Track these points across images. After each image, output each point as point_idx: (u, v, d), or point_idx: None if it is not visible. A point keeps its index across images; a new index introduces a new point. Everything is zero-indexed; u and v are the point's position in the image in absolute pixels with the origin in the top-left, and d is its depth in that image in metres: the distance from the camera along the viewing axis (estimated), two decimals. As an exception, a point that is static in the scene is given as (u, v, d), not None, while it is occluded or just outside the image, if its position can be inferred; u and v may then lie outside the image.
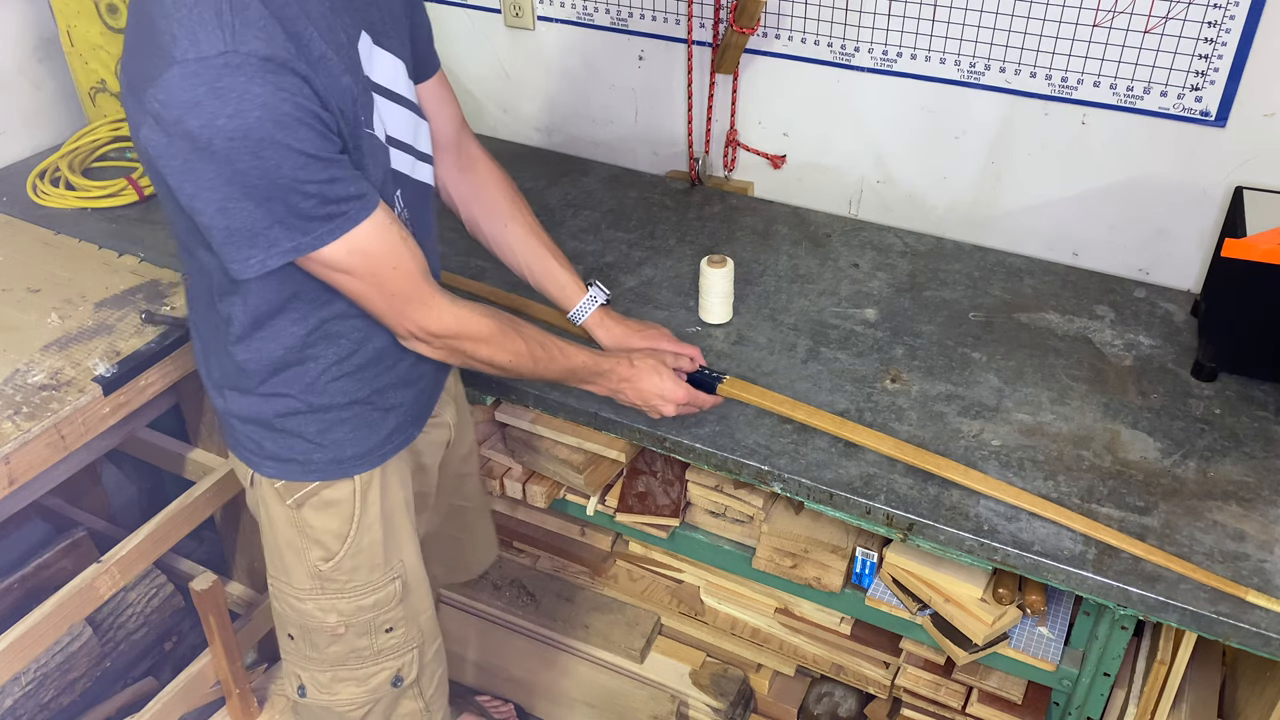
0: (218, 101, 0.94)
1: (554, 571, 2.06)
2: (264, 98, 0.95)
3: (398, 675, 1.41)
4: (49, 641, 1.54)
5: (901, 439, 1.45)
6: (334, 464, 1.28)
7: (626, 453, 1.67)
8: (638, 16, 2.03)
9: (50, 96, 2.21)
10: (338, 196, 1.04)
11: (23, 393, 1.48)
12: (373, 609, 1.35)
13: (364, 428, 1.28)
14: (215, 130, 0.94)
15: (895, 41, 1.81)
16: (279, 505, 1.30)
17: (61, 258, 1.80)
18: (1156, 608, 1.24)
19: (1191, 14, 1.57)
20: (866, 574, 1.59)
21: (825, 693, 1.92)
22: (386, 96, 1.17)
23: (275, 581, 1.37)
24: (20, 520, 1.92)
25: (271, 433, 1.26)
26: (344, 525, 1.30)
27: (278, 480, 1.28)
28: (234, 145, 0.95)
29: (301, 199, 1.01)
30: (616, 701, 1.94)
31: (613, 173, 2.18)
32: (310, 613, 1.34)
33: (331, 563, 1.31)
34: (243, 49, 0.94)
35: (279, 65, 0.96)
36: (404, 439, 1.35)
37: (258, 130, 0.95)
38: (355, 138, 1.08)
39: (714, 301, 1.68)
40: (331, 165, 1.02)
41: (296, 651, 1.39)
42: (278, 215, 1.01)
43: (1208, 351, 1.56)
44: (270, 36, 0.96)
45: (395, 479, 1.35)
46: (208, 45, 0.94)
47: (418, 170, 1.26)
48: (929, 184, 1.92)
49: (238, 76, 0.94)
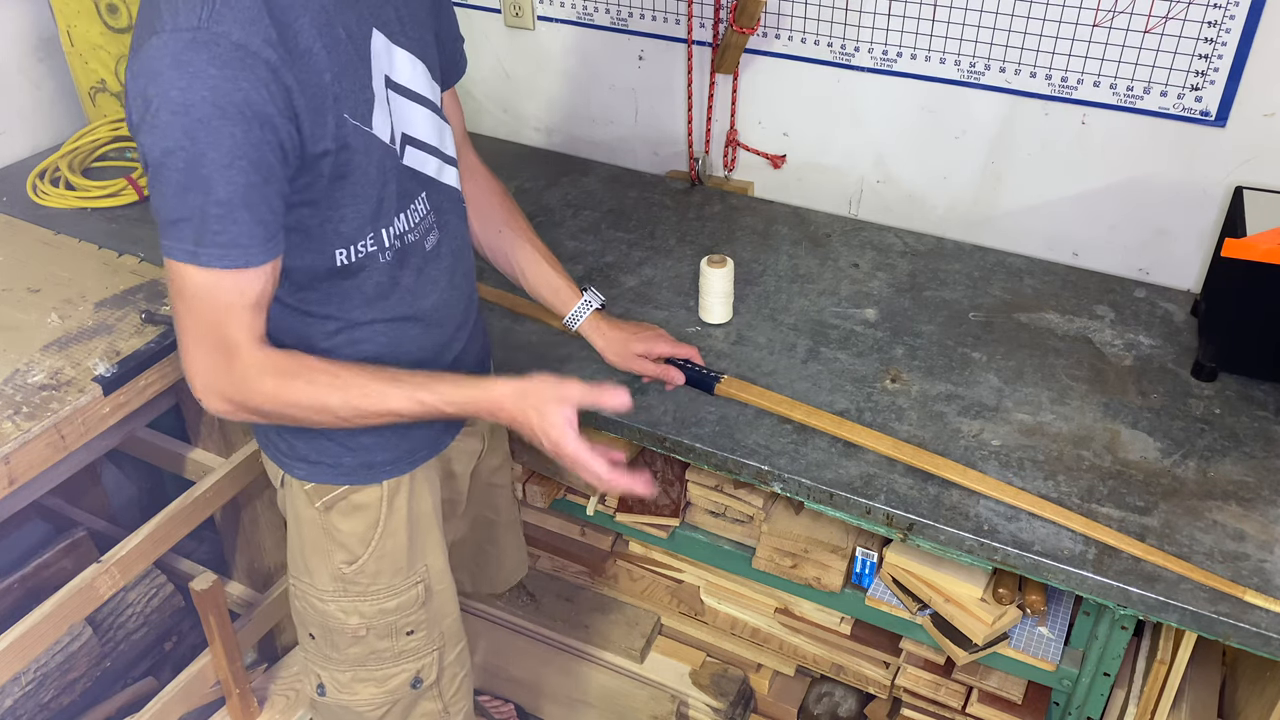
0: (174, 72, 0.94)
1: (554, 571, 2.06)
2: (216, 81, 0.94)
3: (417, 677, 1.40)
4: (49, 641, 1.54)
5: (901, 439, 1.45)
6: (364, 468, 1.27)
7: (626, 452, 1.67)
8: (638, 16, 2.03)
9: (50, 96, 2.21)
10: (247, 224, 1.01)
11: (23, 393, 1.48)
12: (394, 612, 1.35)
13: (395, 433, 1.27)
14: (164, 101, 0.94)
15: (895, 41, 1.81)
16: (307, 507, 1.29)
17: (61, 258, 1.80)
18: (1156, 608, 1.24)
19: (1191, 14, 1.57)
20: (866, 574, 1.59)
21: (825, 693, 1.92)
22: (406, 96, 1.16)
23: (297, 582, 1.36)
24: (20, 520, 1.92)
25: (302, 434, 1.25)
26: (369, 529, 1.30)
27: (307, 482, 1.27)
28: (174, 120, 0.95)
29: (213, 204, 0.99)
30: (616, 701, 1.94)
31: (613, 173, 2.18)
32: (332, 614, 1.34)
33: (355, 565, 1.31)
34: (215, 28, 0.94)
35: (248, 54, 0.95)
36: (436, 446, 1.34)
37: (198, 109, 0.94)
38: (338, 136, 1.06)
39: (714, 301, 1.68)
40: (251, 187, 0.99)
41: (317, 651, 1.39)
42: (187, 210, 0.99)
43: (1208, 351, 1.56)
44: (250, 22, 0.96)
45: (424, 485, 1.34)
46: (184, 19, 0.94)
47: (444, 174, 1.25)
48: (929, 184, 1.92)
49: (200, 54, 0.94)
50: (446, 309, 1.28)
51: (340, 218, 1.11)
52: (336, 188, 1.09)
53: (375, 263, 1.16)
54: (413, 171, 1.19)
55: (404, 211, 1.18)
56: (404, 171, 1.17)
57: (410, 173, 1.19)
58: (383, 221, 1.15)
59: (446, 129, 1.26)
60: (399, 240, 1.18)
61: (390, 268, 1.18)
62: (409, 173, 1.18)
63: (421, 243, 1.22)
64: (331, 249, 1.13)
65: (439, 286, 1.26)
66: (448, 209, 1.27)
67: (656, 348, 1.53)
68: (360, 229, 1.13)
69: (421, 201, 1.21)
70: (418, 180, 1.20)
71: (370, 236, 1.14)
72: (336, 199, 1.10)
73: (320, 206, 1.09)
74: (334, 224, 1.11)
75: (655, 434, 1.49)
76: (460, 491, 1.48)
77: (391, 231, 1.17)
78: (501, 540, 1.69)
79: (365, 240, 1.14)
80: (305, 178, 1.06)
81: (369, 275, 1.17)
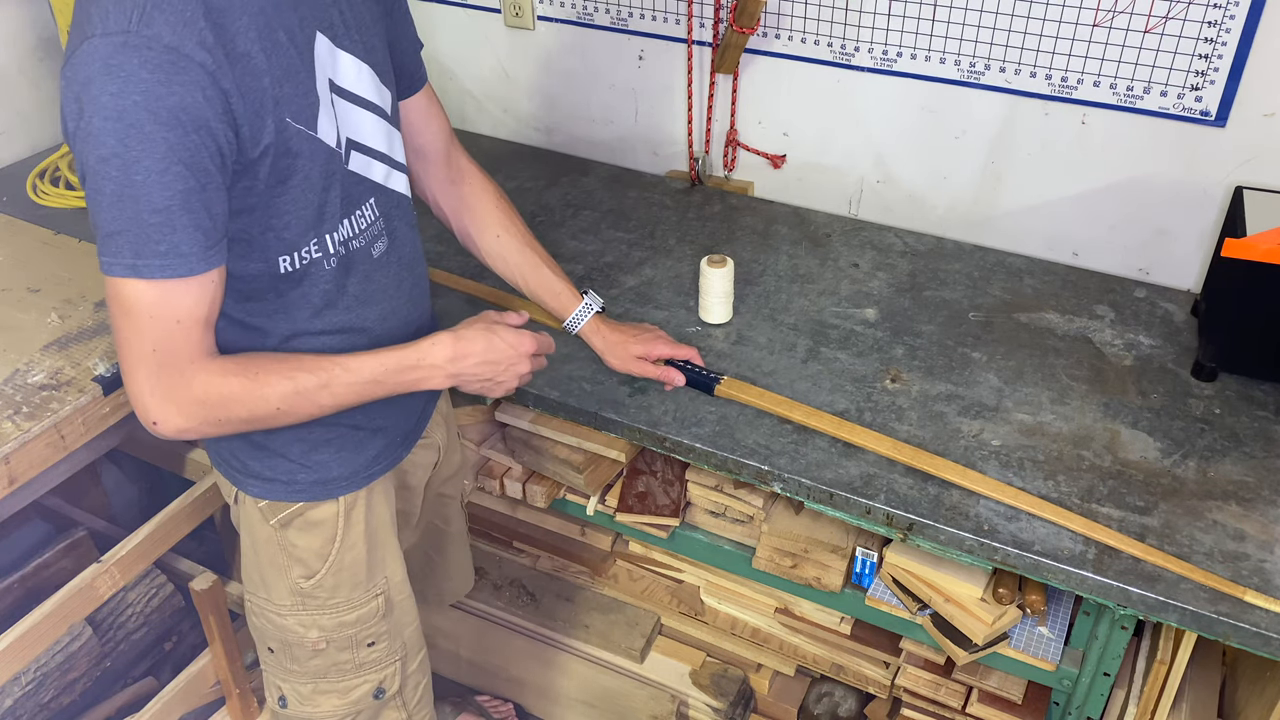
0: (106, 78, 0.92)
1: (554, 571, 2.06)
2: (149, 85, 0.92)
3: (380, 688, 1.40)
4: (49, 641, 1.54)
5: (901, 439, 1.45)
6: (319, 485, 1.26)
7: (626, 452, 1.67)
8: (638, 16, 2.03)
9: (50, 96, 2.21)
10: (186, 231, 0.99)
11: (23, 392, 1.48)
12: (355, 624, 1.34)
13: (350, 449, 1.26)
14: (97, 107, 0.92)
15: (895, 41, 1.81)
16: (262, 524, 1.28)
17: (61, 257, 1.80)
18: (1156, 608, 1.24)
19: (1191, 14, 1.56)
20: (866, 574, 1.59)
21: (825, 693, 1.92)
22: (351, 100, 1.14)
23: (254, 598, 1.35)
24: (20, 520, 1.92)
25: (256, 451, 1.24)
26: (326, 545, 1.29)
27: (261, 500, 1.26)
28: (106, 127, 0.93)
29: (150, 213, 0.96)
30: (616, 701, 1.94)
31: (613, 173, 2.18)
32: (291, 628, 1.33)
33: (313, 580, 1.30)
34: (146, 32, 0.92)
35: (181, 57, 0.94)
36: (391, 460, 1.33)
37: (131, 114, 0.92)
38: (279, 140, 1.04)
39: (714, 301, 1.68)
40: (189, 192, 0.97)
41: (277, 664, 1.38)
42: (124, 222, 0.97)
43: (1208, 351, 1.56)
44: (183, 25, 0.94)
45: (381, 497, 1.34)
46: (114, 23, 0.92)
47: (392, 179, 1.24)
48: (929, 184, 1.92)
49: (131, 57, 0.92)
50: (395, 318, 1.26)
51: (283, 224, 1.09)
52: (277, 192, 1.07)
53: (320, 269, 1.15)
54: (359, 177, 1.17)
55: (349, 217, 1.17)
56: (349, 176, 1.16)
57: (356, 178, 1.17)
58: (326, 227, 1.13)
59: (396, 135, 1.24)
60: (343, 247, 1.16)
61: (336, 275, 1.17)
62: (354, 178, 1.16)
63: (369, 249, 1.20)
64: (275, 255, 1.11)
65: (387, 294, 1.24)
66: (396, 216, 1.25)
67: (655, 349, 1.53)
68: (303, 234, 1.11)
69: (369, 208, 1.19)
70: (364, 186, 1.18)
71: (314, 242, 1.13)
72: (278, 205, 1.08)
73: (260, 213, 1.07)
74: (276, 230, 1.09)
75: (655, 434, 1.49)
76: (414, 504, 1.48)
77: (336, 238, 1.15)
78: (449, 551, 1.69)
79: (309, 246, 1.12)
80: (245, 182, 1.04)
81: (314, 283, 1.15)
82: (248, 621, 1.40)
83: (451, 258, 1.83)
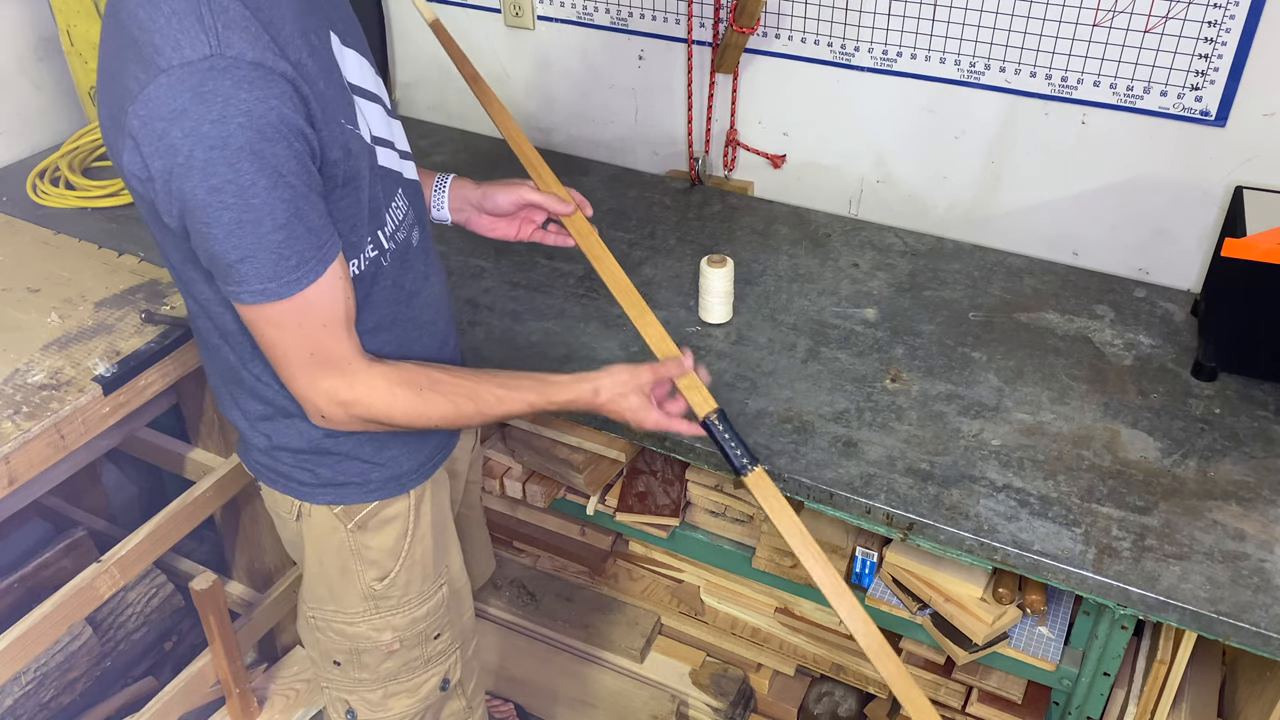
0: (202, 107, 0.90)
1: (554, 571, 2.06)
2: (249, 104, 0.91)
3: (445, 679, 1.40)
4: (49, 641, 1.54)
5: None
6: (392, 481, 1.26)
7: (626, 452, 1.67)
8: (638, 16, 2.03)
9: (50, 96, 2.21)
10: (306, 238, 1.00)
11: (23, 392, 1.48)
12: (425, 619, 1.34)
13: (416, 441, 1.27)
14: (198, 138, 0.91)
15: (895, 41, 1.81)
16: (334, 533, 1.27)
17: (61, 258, 1.80)
18: (1156, 607, 1.24)
19: (1191, 14, 1.57)
20: (866, 574, 1.59)
21: (825, 692, 1.93)
22: (362, 95, 1.14)
23: (319, 611, 1.33)
24: (20, 520, 1.92)
25: (326, 458, 1.23)
26: (399, 541, 1.29)
27: (336, 506, 1.26)
28: (214, 156, 0.91)
29: (273, 231, 0.97)
30: (616, 701, 1.95)
31: (613, 172, 2.18)
32: (363, 634, 1.32)
33: (386, 580, 1.30)
34: (229, 52, 0.91)
35: (267, 70, 0.93)
36: (449, 448, 1.34)
37: (237, 138, 0.91)
38: (342, 142, 1.05)
39: (714, 301, 1.68)
40: (300, 199, 0.98)
41: (344, 676, 1.37)
42: (249, 247, 0.97)
43: (1208, 351, 1.56)
44: (255, 39, 0.94)
45: (441, 486, 1.35)
46: (191, 50, 0.91)
47: (407, 168, 1.24)
48: (929, 184, 1.92)
49: (223, 80, 0.91)
50: (437, 305, 1.28)
51: (349, 228, 1.10)
52: (339, 195, 1.08)
53: (380, 268, 1.16)
54: (386, 170, 1.18)
55: (388, 210, 1.17)
56: (381, 171, 1.16)
57: (385, 171, 1.17)
58: (376, 223, 1.14)
59: (396, 123, 1.24)
60: (392, 241, 1.17)
61: (393, 271, 1.18)
62: (384, 171, 1.17)
63: (409, 239, 1.21)
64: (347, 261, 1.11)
65: (429, 283, 1.25)
66: (419, 204, 1.27)
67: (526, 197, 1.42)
68: (362, 236, 1.12)
69: (401, 198, 1.20)
70: (392, 178, 1.19)
71: (370, 243, 1.13)
72: (341, 208, 1.08)
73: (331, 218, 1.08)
74: (345, 235, 1.09)
75: (655, 434, 1.49)
76: (459, 490, 1.48)
77: (385, 233, 1.16)
78: (473, 535, 1.69)
79: (367, 248, 1.13)
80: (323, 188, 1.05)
81: (378, 283, 1.16)
82: (305, 639, 1.39)
83: (451, 258, 1.83)
